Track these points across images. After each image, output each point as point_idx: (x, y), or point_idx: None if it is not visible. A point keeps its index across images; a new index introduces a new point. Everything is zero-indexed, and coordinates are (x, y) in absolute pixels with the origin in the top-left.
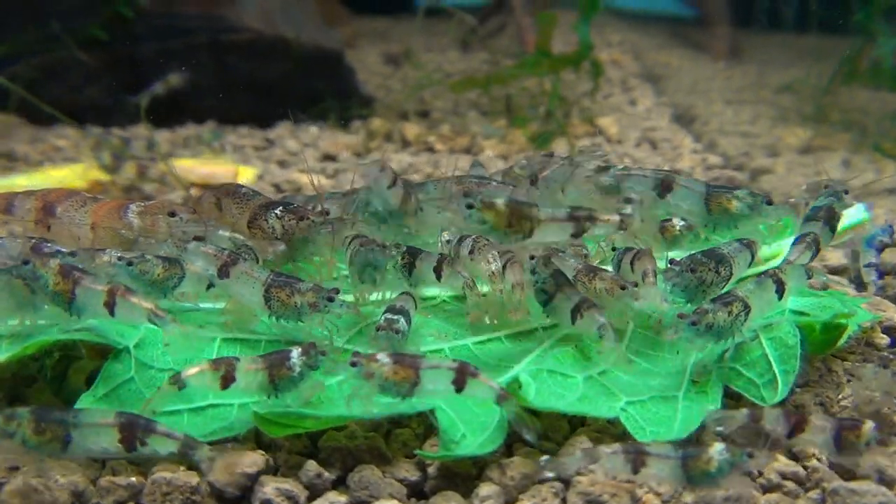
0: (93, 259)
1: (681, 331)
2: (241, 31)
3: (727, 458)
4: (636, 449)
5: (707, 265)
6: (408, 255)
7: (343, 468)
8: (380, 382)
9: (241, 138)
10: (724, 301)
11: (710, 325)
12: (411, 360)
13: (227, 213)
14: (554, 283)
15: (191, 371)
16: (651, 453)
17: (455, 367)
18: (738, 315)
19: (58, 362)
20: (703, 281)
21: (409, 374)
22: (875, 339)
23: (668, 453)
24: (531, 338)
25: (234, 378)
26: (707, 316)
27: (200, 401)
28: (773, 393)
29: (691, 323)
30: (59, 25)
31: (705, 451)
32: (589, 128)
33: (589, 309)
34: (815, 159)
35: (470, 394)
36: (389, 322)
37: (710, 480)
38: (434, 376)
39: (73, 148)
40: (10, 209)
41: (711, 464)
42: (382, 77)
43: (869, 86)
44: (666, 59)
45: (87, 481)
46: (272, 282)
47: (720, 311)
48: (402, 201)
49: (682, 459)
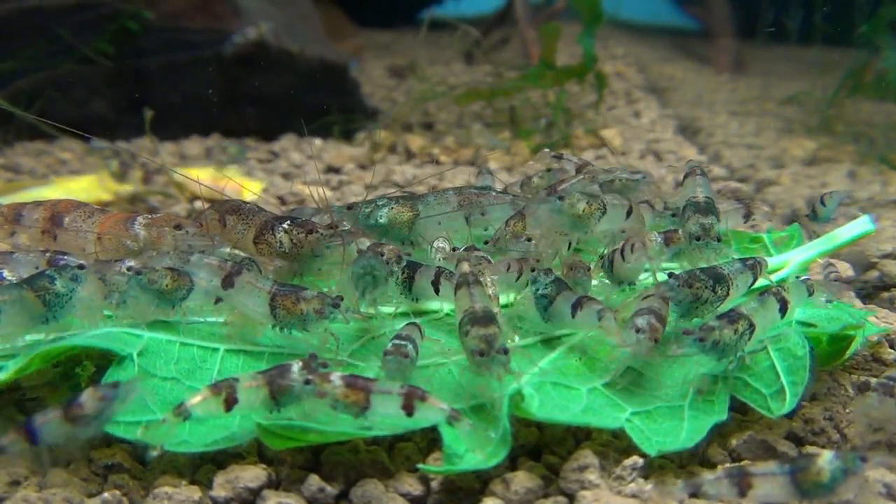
0: (106, 270)
1: (685, 346)
2: (246, 45)
3: (839, 466)
4: (740, 471)
5: (705, 283)
6: (408, 270)
7: (346, 482)
8: (331, 403)
9: (246, 151)
10: (730, 318)
11: (717, 342)
12: (363, 383)
13: (231, 230)
14: (556, 289)
15: (194, 400)
16: (756, 473)
17: (403, 393)
18: (743, 333)
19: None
20: (699, 298)
21: (359, 398)
22: (882, 354)
23: (773, 471)
24: (535, 351)
25: (236, 399)
26: (713, 333)
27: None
28: (781, 404)
29: (698, 339)
30: (66, 39)
31: (814, 461)
32: (593, 140)
33: (589, 301)
34: (820, 171)
35: (421, 417)
36: (397, 347)
37: (825, 492)
38: (384, 401)
39: (77, 161)
40: (18, 219)
41: (823, 474)
42: (387, 90)
43: (874, 97)
44: (670, 72)
45: (81, 496)
46: (277, 291)
47: (726, 329)
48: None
49: (790, 475)
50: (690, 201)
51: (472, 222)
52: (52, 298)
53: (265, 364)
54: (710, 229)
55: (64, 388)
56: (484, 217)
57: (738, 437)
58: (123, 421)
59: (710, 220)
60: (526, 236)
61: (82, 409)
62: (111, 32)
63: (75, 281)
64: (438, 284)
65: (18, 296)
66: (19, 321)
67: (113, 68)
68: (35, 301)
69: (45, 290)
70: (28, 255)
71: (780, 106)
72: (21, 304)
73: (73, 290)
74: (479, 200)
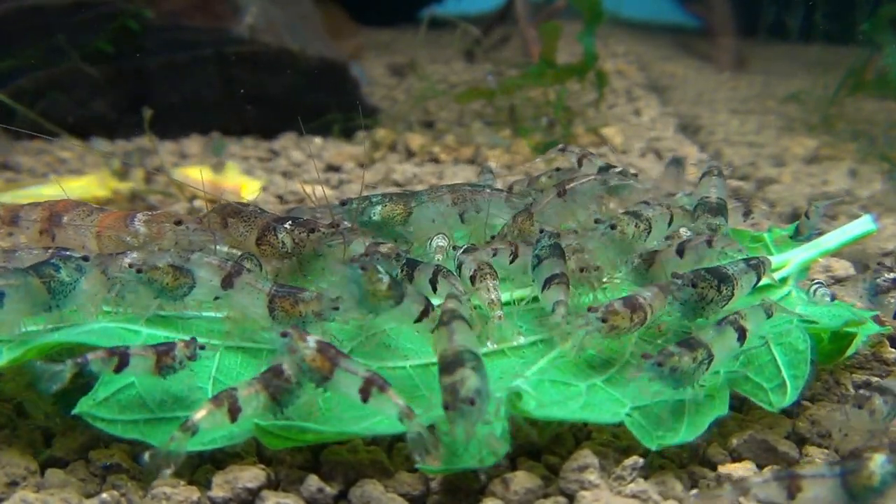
0: (107, 265)
1: (643, 370)
2: (246, 44)
3: (891, 470)
4: (789, 474)
5: (710, 282)
6: (406, 268)
7: (345, 482)
8: (298, 362)
9: (246, 149)
10: (689, 346)
11: (675, 368)
12: (334, 355)
13: (233, 232)
14: (549, 252)
15: (199, 415)
16: (805, 476)
17: (365, 377)
18: (702, 362)
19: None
20: (704, 297)
21: (324, 367)
22: (883, 353)
23: (823, 473)
24: (534, 350)
25: (239, 408)
26: (672, 359)
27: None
28: (782, 398)
29: (656, 363)
30: (66, 39)
31: (865, 465)
32: (594, 138)
33: (559, 283)
34: (821, 169)
35: (375, 406)
36: (451, 312)
37: (875, 495)
38: (345, 379)
39: (77, 160)
40: (15, 220)
41: (874, 478)
42: (387, 88)
43: (875, 95)
44: (671, 70)
45: (79, 496)
46: (276, 292)
47: (686, 356)
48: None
49: (840, 477)
50: (702, 201)
51: (467, 219)
52: (57, 286)
53: (264, 361)
54: (718, 230)
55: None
56: (478, 214)
57: (739, 436)
58: (121, 420)
59: (719, 221)
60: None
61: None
62: (111, 32)
63: (79, 271)
64: (436, 283)
65: (24, 281)
66: (23, 307)
67: (113, 68)
68: (40, 287)
69: (51, 277)
70: (31, 251)
71: (781, 104)
72: (26, 289)
73: (77, 280)
74: (473, 198)
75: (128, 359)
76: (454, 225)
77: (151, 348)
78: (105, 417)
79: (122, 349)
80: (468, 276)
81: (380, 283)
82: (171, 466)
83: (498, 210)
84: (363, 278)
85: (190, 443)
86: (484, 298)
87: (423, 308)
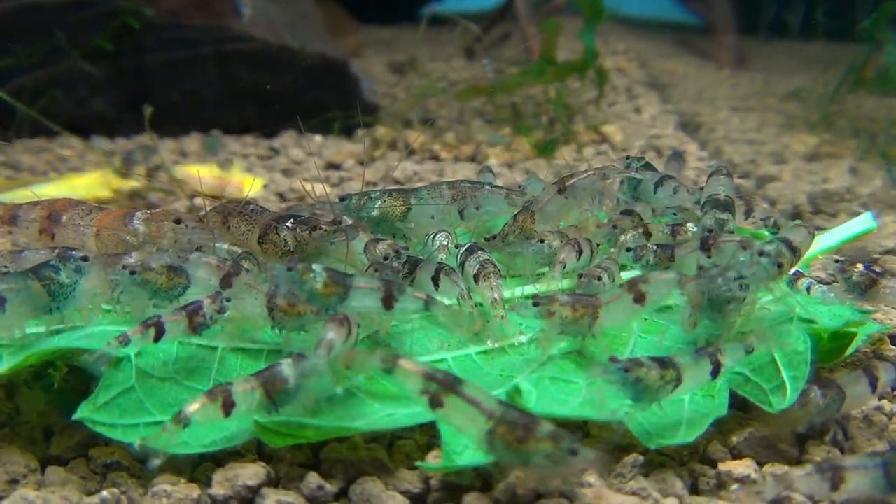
0: (109, 264)
1: (608, 373)
2: (246, 42)
3: None
4: (831, 466)
5: (739, 280)
6: (409, 265)
7: (345, 480)
8: (308, 296)
9: (246, 147)
10: (661, 363)
11: (639, 379)
12: (344, 277)
13: (235, 231)
14: (523, 238)
15: (192, 408)
16: (848, 467)
17: (383, 285)
18: (668, 382)
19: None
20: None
21: (338, 290)
22: (884, 350)
23: (865, 464)
24: (535, 347)
25: (233, 403)
26: (640, 369)
27: None
28: (782, 399)
29: (623, 369)
30: (66, 37)
31: None
32: (594, 135)
33: (489, 276)
34: (821, 166)
35: (401, 306)
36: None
37: None
38: (363, 294)
39: (78, 158)
40: (14, 220)
41: None
42: (387, 86)
43: (876, 93)
44: (671, 67)
45: (80, 494)
46: (275, 292)
47: (654, 371)
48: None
49: (883, 467)
50: (711, 197)
51: (466, 216)
52: (57, 289)
53: (264, 362)
54: (725, 224)
55: (36, 388)
56: (478, 211)
57: (740, 434)
58: (121, 424)
59: (726, 216)
60: (538, 237)
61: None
62: (111, 30)
63: (79, 272)
64: (438, 280)
65: (24, 285)
66: (24, 311)
67: (113, 66)
68: (40, 290)
69: (51, 279)
70: (37, 253)
71: (782, 101)
72: (27, 293)
73: (76, 281)
74: (473, 194)
75: (163, 327)
76: (453, 221)
77: (181, 311)
78: (106, 422)
79: (156, 318)
80: (472, 273)
81: (313, 281)
82: (159, 457)
83: (497, 207)
84: (294, 278)
85: (190, 444)
86: (487, 297)
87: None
